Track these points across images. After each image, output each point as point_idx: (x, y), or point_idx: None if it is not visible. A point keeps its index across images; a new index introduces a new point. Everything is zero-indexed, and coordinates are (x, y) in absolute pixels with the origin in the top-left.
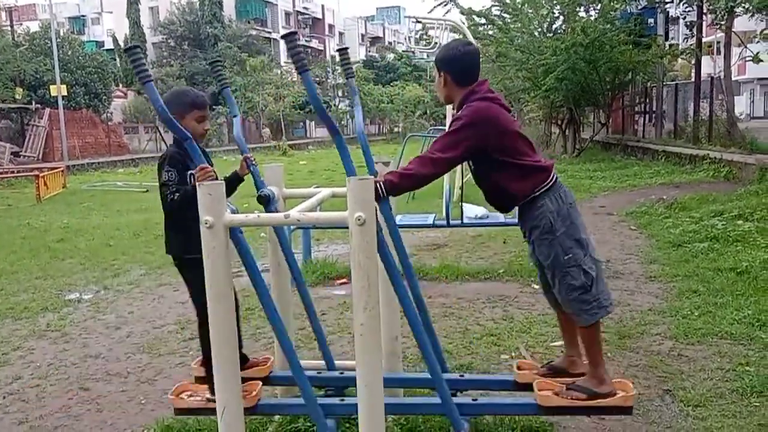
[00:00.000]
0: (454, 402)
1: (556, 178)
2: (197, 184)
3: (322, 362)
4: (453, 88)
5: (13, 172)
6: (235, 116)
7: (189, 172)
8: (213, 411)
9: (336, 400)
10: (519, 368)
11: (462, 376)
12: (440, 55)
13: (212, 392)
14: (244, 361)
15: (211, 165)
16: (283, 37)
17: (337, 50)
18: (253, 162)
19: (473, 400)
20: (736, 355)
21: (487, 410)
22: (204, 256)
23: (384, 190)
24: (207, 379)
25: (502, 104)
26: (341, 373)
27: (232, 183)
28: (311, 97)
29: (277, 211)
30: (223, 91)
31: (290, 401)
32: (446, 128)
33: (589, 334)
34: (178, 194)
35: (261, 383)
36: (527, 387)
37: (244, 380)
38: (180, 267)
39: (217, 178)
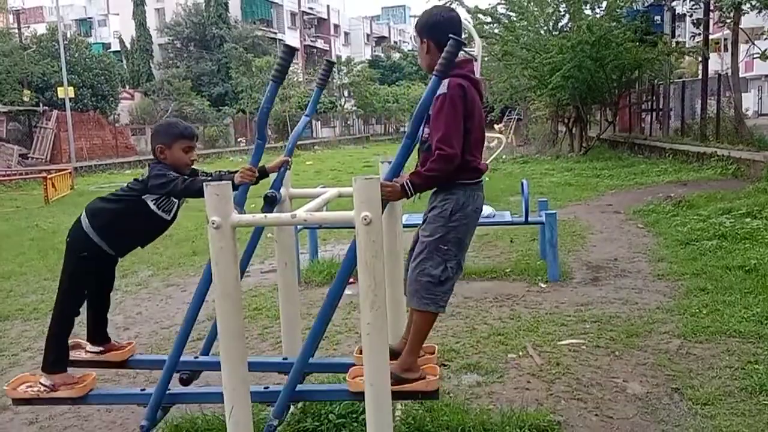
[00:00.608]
0: (277, 390)
1: (481, 180)
2: (206, 183)
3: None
4: (436, 55)
5: (21, 174)
6: (307, 116)
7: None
8: (47, 400)
9: (181, 390)
10: (360, 352)
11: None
12: (422, 21)
13: (45, 370)
14: (106, 342)
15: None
16: (455, 39)
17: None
18: (288, 167)
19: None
20: (744, 353)
21: (303, 397)
22: (211, 256)
23: (411, 189)
24: (43, 362)
25: (479, 91)
26: (195, 358)
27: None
28: (423, 99)
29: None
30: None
31: (121, 391)
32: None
33: (422, 320)
34: (189, 182)
35: (94, 375)
36: None
37: (99, 365)
38: (73, 241)
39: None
